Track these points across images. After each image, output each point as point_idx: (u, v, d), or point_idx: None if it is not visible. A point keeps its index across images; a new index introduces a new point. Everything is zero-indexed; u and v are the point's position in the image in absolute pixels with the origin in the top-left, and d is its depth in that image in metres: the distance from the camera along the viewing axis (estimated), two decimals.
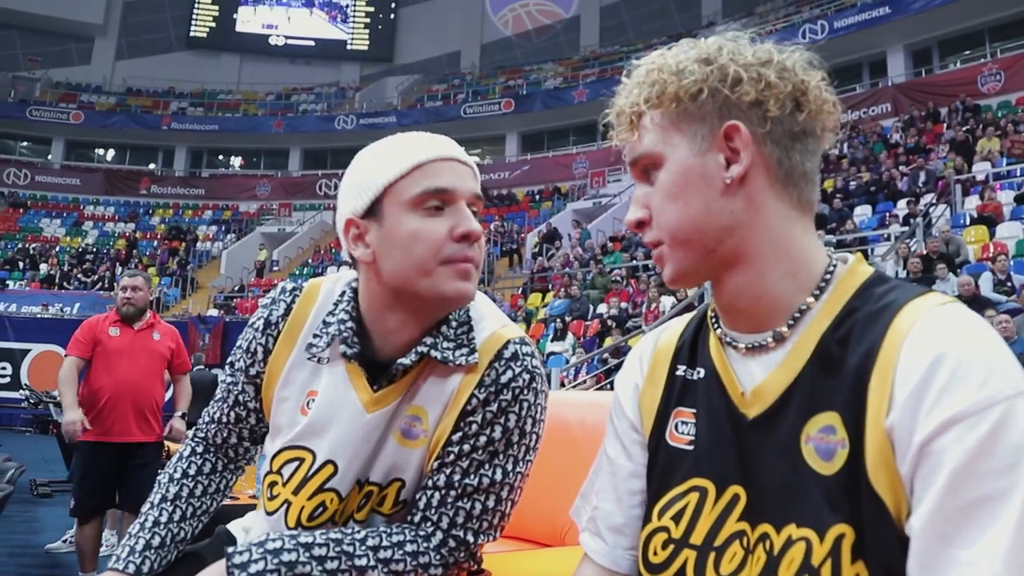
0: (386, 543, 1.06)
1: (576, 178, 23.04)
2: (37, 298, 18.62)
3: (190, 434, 1.29)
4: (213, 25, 31.79)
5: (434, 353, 1.09)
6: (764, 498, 0.78)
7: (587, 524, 0.98)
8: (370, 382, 1.11)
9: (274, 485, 1.14)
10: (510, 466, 1.10)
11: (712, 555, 0.81)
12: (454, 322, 1.12)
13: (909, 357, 0.69)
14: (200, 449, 1.26)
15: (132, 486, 3.86)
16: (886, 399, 0.70)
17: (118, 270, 21.30)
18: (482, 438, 1.09)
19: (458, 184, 1.07)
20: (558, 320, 12.13)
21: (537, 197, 23.45)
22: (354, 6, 32.19)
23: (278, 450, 1.15)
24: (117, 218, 26.55)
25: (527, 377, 1.10)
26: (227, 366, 1.24)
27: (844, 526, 0.71)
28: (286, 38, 31.91)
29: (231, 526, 1.27)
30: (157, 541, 1.14)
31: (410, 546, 1.07)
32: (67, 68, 30.16)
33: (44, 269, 21.93)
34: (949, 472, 0.64)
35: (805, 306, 0.80)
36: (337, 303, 1.15)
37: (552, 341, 11.74)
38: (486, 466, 1.09)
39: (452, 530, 1.09)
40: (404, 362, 1.08)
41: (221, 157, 30.03)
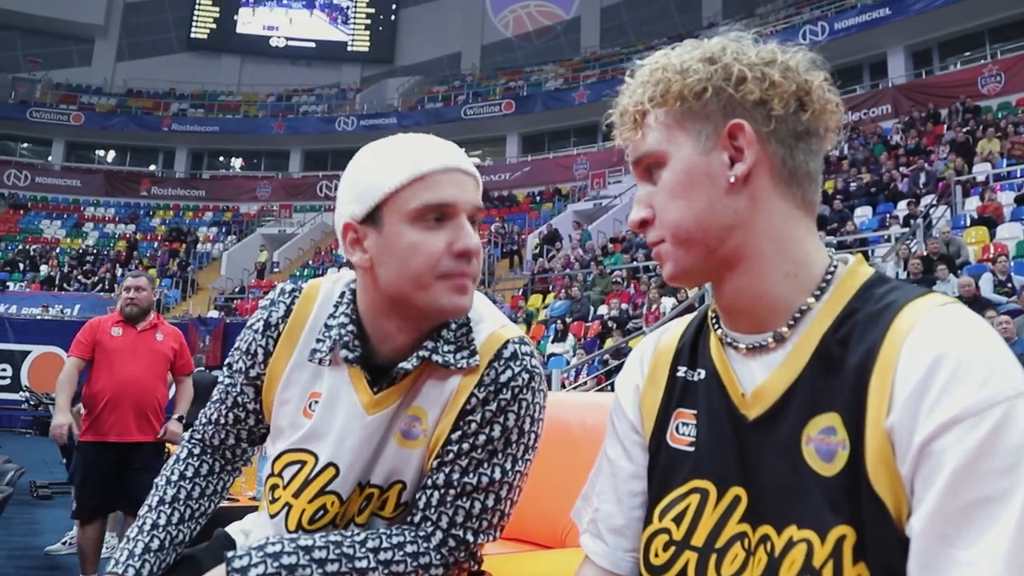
0: (386, 544, 1.06)
1: (577, 179, 23.04)
2: (37, 299, 18.63)
3: (186, 436, 1.28)
4: (214, 26, 31.81)
5: (435, 357, 1.09)
6: (765, 499, 0.78)
7: (588, 526, 0.97)
8: (370, 384, 1.11)
9: (275, 488, 1.14)
10: (509, 465, 1.10)
11: (713, 557, 0.81)
12: (453, 324, 1.12)
13: (909, 357, 0.69)
14: (197, 451, 1.25)
15: (132, 488, 3.85)
16: (886, 399, 0.70)
17: (118, 272, 21.32)
18: (481, 437, 1.08)
19: (460, 197, 1.05)
20: (559, 321, 12.12)
21: (538, 198, 23.46)
22: (355, 7, 32.21)
23: (280, 453, 1.15)
24: (117, 219, 26.56)
25: (526, 376, 1.10)
26: (225, 367, 1.24)
27: (845, 527, 0.71)
28: (287, 39, 31.93)
29: (230, 529, 1.27)
30: (156, 544, 1.14)
31: (410, 547, 1.07)
32: (67, 69, 30.18)
33: (44, 270, 21.93)
34: (949, 472, 0.64)
35: (806, 306, 0.80)
36: (337, 305, 1.15)
37: (553, 342, 11.74)
38: (485, 465, 1.09)
39: (452, 529, 1.09)
40: (406, 367, 1.08)
41: (222, 158, 30.04)
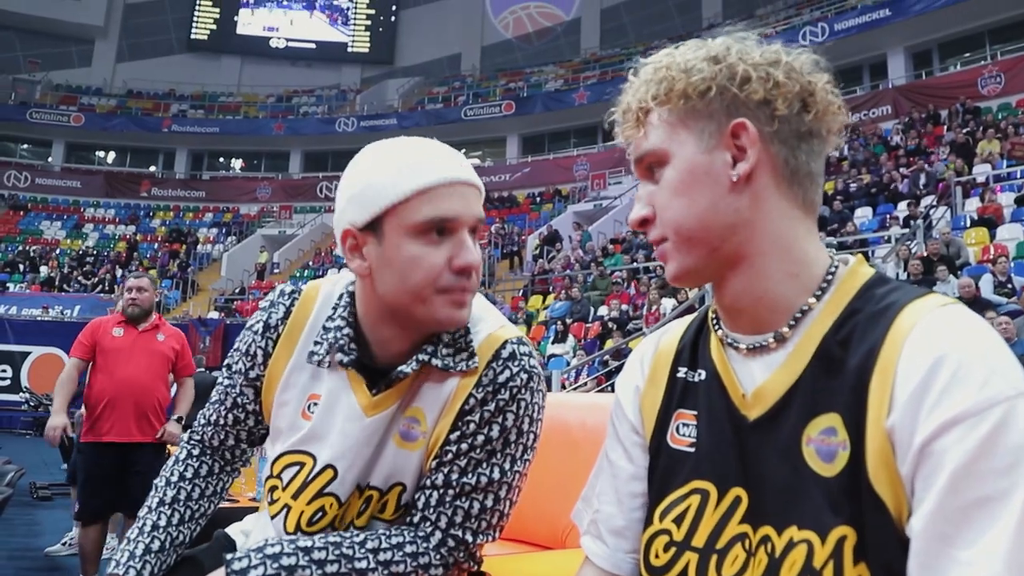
0: (386, 545, 1.06)
1: (577, 180, 23.03)
2: (37, 300, 18.62)
3: (186, 437, 1.28)
4: (214, 27, 31.82)
5: (435, 361, 1.09)
6: (765, 500, 0.78)
7: (588, 527, 0.97)
8: (369, 386, 1.11)
9: (274, 489, 1.14)
10: (508, 465, 1.10)
11: (714, 557, 0.81)
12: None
13: (910, 358, 0.69)
14: (196, 452, 1.25)
15: (133, 489, 3.85)
16: (887, 400, 0.70)
17: (118, 273, 21.33)
18: (480, 437, 1.08)
19: (462, 212, 1.04)
20: (559, 322, 12.12)
21: (538, 199, 23.46)
22: (355, 8, 32.22)
23: (278, 454, 1.15)
24: (117, 220, 26.56)
25: (524, 377, 1.10)
26: (224, 368, 1.24)
27: (845, 528, 0.71)
28: (287, 40, 31.94)
29: (230, 530, 1.27)
30: (156, 545, 1.14)
31: (410, 547, 1.07)
32: (67, 70, 30.19)
33: (44, 271, 21.93)
34: (950, 473, 0.64)
35: (807, 307, 0.80)
36: (335, 307, 1.15)
37: (553, 343, 11.74)
38: (484, 465, 1.09)
39: (451, 530, 1.08)
40: (405, 370, 1.08)
41: (222, 159, 30.05)
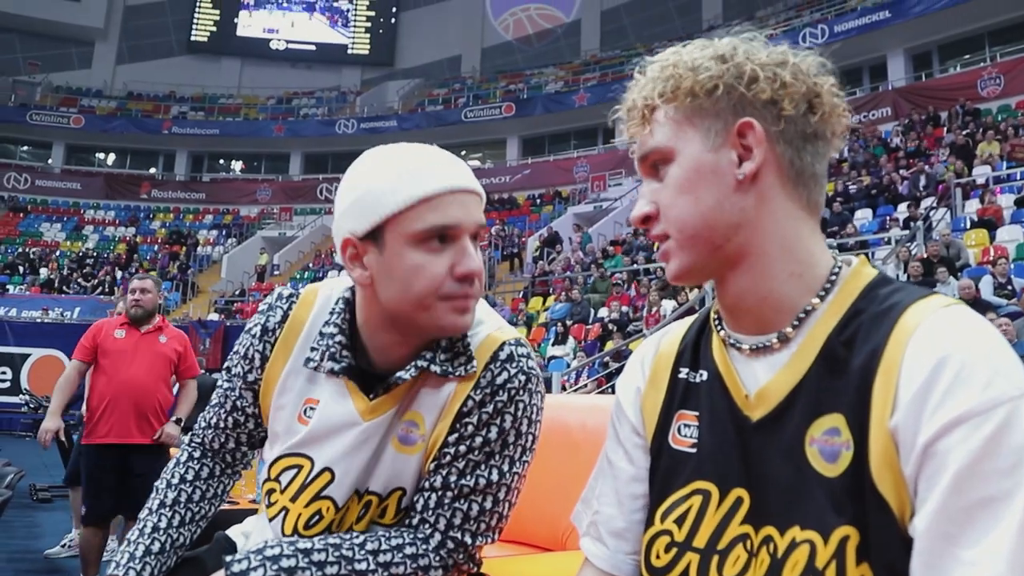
0: (385, 546, 1.06)
1: (577, 182, 23.03)
2: (37, 302, 18.59)
3: (186, 439, 1.28)
4: (214, 29, 31.83)
5: (433, 368, 1.08)
6: (768, 501, 0.78)
7: (588, 529, 0.97)
8: (366, 390, 1.10)
9: (272, 492, 1.14)
10: (506, 467, 1.10)
11: (715, 558, 0.80)
12: None
13: (914, 358, 0.70)
14: (197, 454, 1.25)
15: (134, 491, 3.85)
16: (890, 400, 0.70)
17: (118, 274, 21.32)
18: (478, 439, 1.08)
19: (463, 219, 1.04)
20: (559, 324, 12.12)
21: (538, 201, 23.46)
22: (355, 10, 32.23)
23: (276, 457, 1.15)
24: (117, 222, 26.56)
25: (522, 378, 1.09)
26: (224, 371, 1.24)
27: (848, 528, 0.71)
28: (287, 42, 31.94)
29: (230, 531, 1.27)
30: (157, 547, 1.14)
31: (409, 548, 1.07)
32: (67, 72, 30.19)
33: (44, 273, 21.92)
34: (953, 473, 0.64)
35: (810, 307, 0.80)
36: (332, 312, 1.14)
37: (553, 345, 11.74)
38: (482, 467, 1.09)
39: (450, 532, 1.08)
40: (403, 376, 1.08)
41: (222, 161, 30.05)
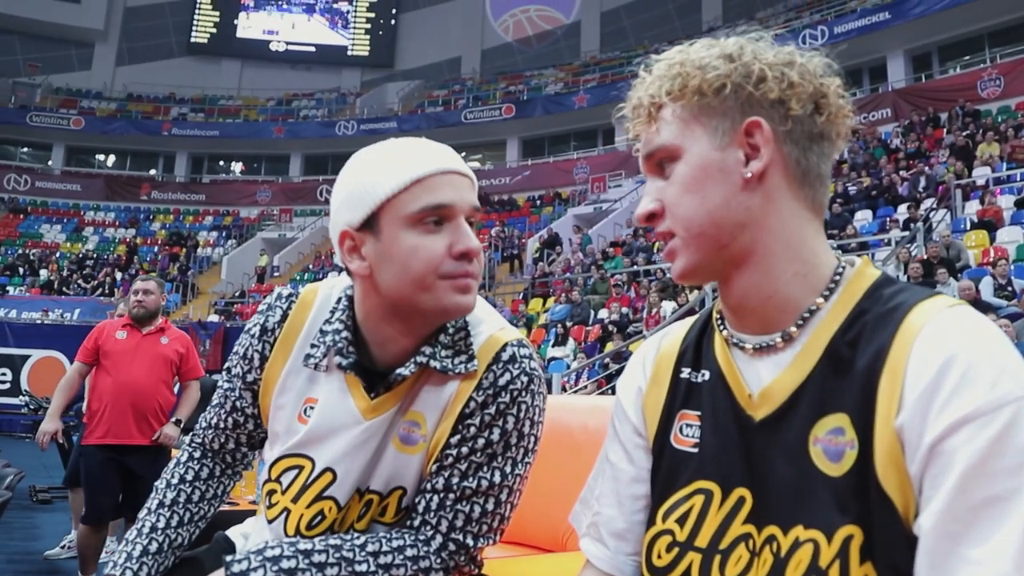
0: (386, 548, 1.05)
1: (577, 183, 23.05)
2: (37, 304, 18.58)
3: (187, 440, 1.28)
4: (214, 31, 31.86)
5: (433, 363, 1.08)
6: (771, 500, 0.78)
7: (588, 530, 0.97)
8: (368, 389, 1.10)
9: (273, 493, 1.14)
10: (509, 468, 1.09)
11: (717, 558, 0.80)
12: (451, 328, 1.11)
13: (920, 357, 0.70)
14: (197, 455, 1.25)
15: (133, 491, 3.85)
16: (896, 399, 0.70)
17: (118, 276, 21.33)
18: (480, 440, 1.08)
19: (457, 199, 1.04)
20: (559, 325, 12.12)
21: (538, 202, 23.47)
22: (355, 12, 32.26)
23: (276, 458, 1.14)
24: (117, 224, 26.57)
25: (525, 379, 1.09)
26: (224, 372, 1.24)
27: (852, 527, 0.71)
28: (287, 44, 31.98)
29: (230, 532, 1.26)
30: (155, 547, 1.14)
31: (410, 550, 1.06)
32: (68, 74, 30.21)
33: (44, 275, 21.92)
34: (959, 472, 0.64)
35: (815, 307, 0.80)
36: (333, 311, 1.14)
37: (553, 346, 11.74)
38: (484, 469, 1.08)
39: (452, 533, 1.08)
40: (403, 372, 1.08)
41: (222, 163, 30.07)
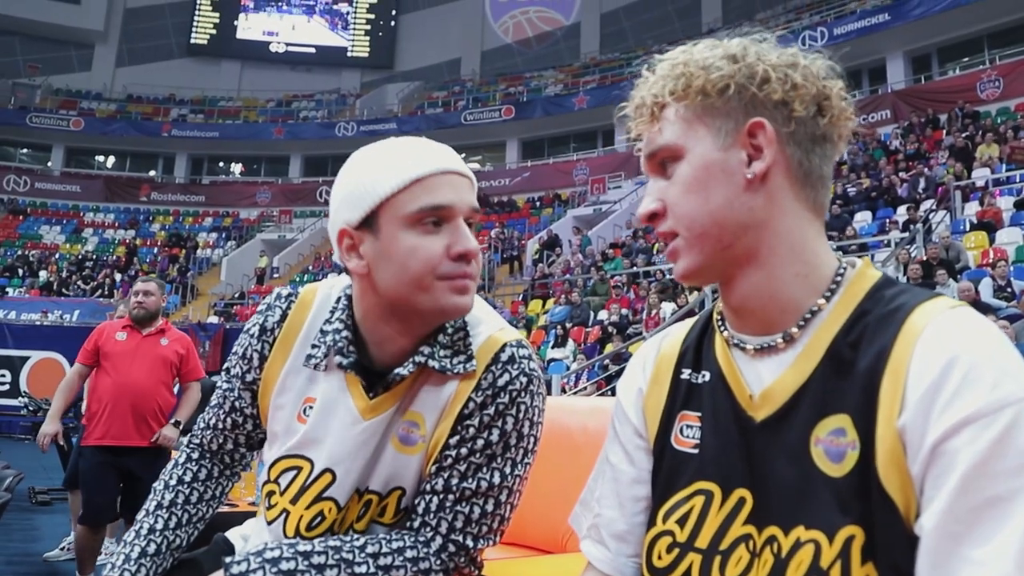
0: (386, 549, 1.05)
1: (576, 185, 23.06)
2: (36, 305, 18.58)
3: (185, 440, 1.28)
4: (214, 32, 31.88)
5: (432, 363, 1.08)
6: (771, 501, 0.78)
7: (589, 532, 0.97)
8: (366, 389, 1.10)
9: (272, 495, 1.14)
10: (508, 469, 1.09)
11: (718, 559, 0.80)
12: (450, 328, 1.11)
13: (922, 358, 0.70)
14: (196, 455, 1.25)
15: (132, 493, 3.85)
16: (898, 400, 0.70)
17: (117, 277, 21.32)
18: (479, 441, 1.07)
19: (456, 200, 1.04)
20: (559, 327, 12.13)
21: (538, 204, 23.48)
22: (355, 13, 32.28)
23: (275, 459, 1.14)
24: (117, 225, 26.57)
25: (524, 380, 1.09)
26: (223, 372, 1.23)
27: (854, 527, 0.71)
28: (287, 45, 32.00)
29: (230, 534, 1.26)
30: (153, 548, 1.13)
31: (410, 552, 1.06)
32: (67, 75, 30.21)
33: (44, 276, 21.92)
34: (962, 473, 0.65)
35: (816, 308, 0.80)
36: (333, 310, 1.14)
37: (553, 348, 11.74)
38: (484, 470, 1.08)
39: (451, 535, 1.08)
40: (402, 372, 1.07)
41: (221, 164, 30.08)
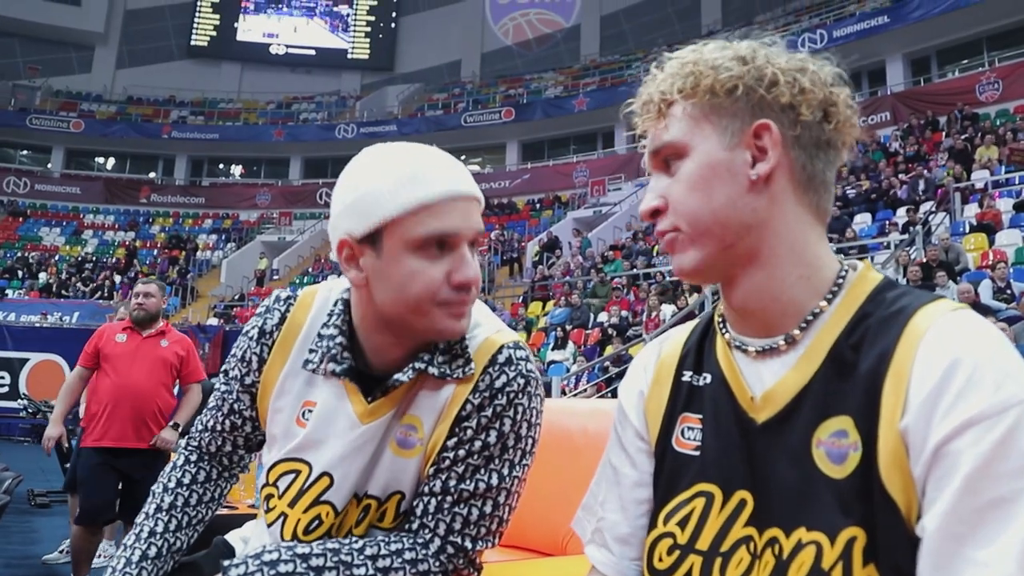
0: (384, 551, 1.05)
1: (576, 187, 23.08)
2: (36, 307, 18.58)
3: (183, 443, 1.27)
4: (214, 34, 31.91)
5: (431, 370, 1.07)
6: (772, 503, 0.78)
7: (592, 536, 0.97)
8: (365, 393, 1.09)
9: (271, 498, 1.13)
10: (506, 471, 1.09)
11: (718, 560, 0.80)
12: None
13: (925, 360, 0.70)
14: (194, 458, 1.25)
15: (131, 495, 3.84)
16: (901, 401, 0.71)
17: (117, 279, 21.32)
18: (477, 443, 1.07)
19: (463, 227, 1.02)
20: (559, 329, 12.13)
21: (537, 206, 23.49)
22: (355, 15, 32.32)
23: (274, 462, 1.14)
24: (117, 227, 26.58)
25: (521, 382, 1.09)
26: (221, 374, 1.23)
27: (856, 529, 0.71)
28: (287, 47, 32.03)
29: (229, 536, 1.26)
30: (153, 551, 1.13)
31: (408, 553, 1.06)
32: (67, 76, 30.23)
33: (43, 278, 21.92)
34: (964, 474, 0.65)
35: (818, 309, 0.80)
36: (331, 314, 1.13)
37: (553, 350, 11.74)
38: (482, 471, 1.08)
39: (450, 536, 1.07)
40: (401, 378, 1.07)
41: (221, 166, 30.09)
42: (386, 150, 1.06)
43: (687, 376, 0.91)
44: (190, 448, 1.26)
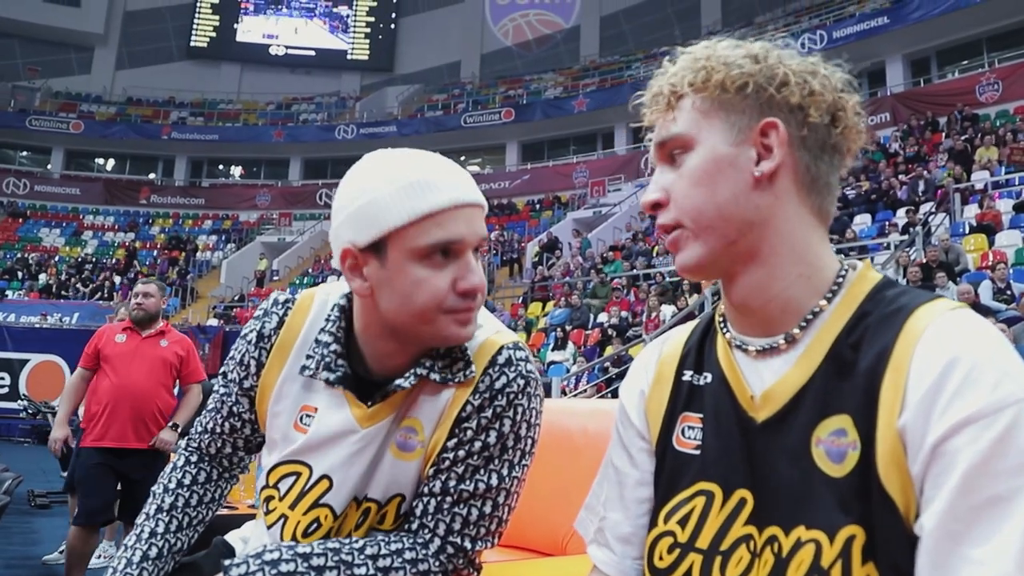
0: (384, 551, 1.05)
1: (576, 187, 23.08)
2: (36, 308, 18.58)
3: (183, 444, 1.28)
4: (214, 35, 31.92)
5: (433, 376, 1.08)
6: (772, 501, 0.78)
7: (595, 535, 0.97)
8: (364, 397, 1.09)
9: (271, 499, 1.13)
10: (506, 471, 1.09)
11: (718, 559, 0.81)
12: None
13: (923, 359, 0.70)
14: (194, 459, 1.25)
15: (131, 496, 3.84)
16: (899, 400, 0.71)
17: (117, 280, 21.32)
18: (477, 443, 1.07)
19: (467, 234, 1.02)
20: (559, 329, 12.13)
21: (537, 206, 23.50)
22: (354, 16, 32.33)
23: (274, 464, 1.14)
24: (117, 228, 26.58)
25: (521, 382, 1.09)
26: (220, 376, 1.23)
27: (855, 527, 0.71)
28: (286, 48, 32.04)
29: (229, 537, 1.26)
30: (154, 552, 1.13)
31: (409, 553, 1.06)
32: (67, 77, 30.24)
33: (43, 279, 21.93)
34: (962, 472, 0.65)
35: (818, 308, 0.81)
36: (328, 320, 1.13)
37: (553, 350, 11.75)
38: (482, 471, 1.08)
39: (450, 536, 1.08)
40: (403, 384, 1.07)
41: (221, 167, 30.10)
42: (387, 157, 1.05)
43: (688, 375, 0.91)
44: (190, 449, 1.26)
